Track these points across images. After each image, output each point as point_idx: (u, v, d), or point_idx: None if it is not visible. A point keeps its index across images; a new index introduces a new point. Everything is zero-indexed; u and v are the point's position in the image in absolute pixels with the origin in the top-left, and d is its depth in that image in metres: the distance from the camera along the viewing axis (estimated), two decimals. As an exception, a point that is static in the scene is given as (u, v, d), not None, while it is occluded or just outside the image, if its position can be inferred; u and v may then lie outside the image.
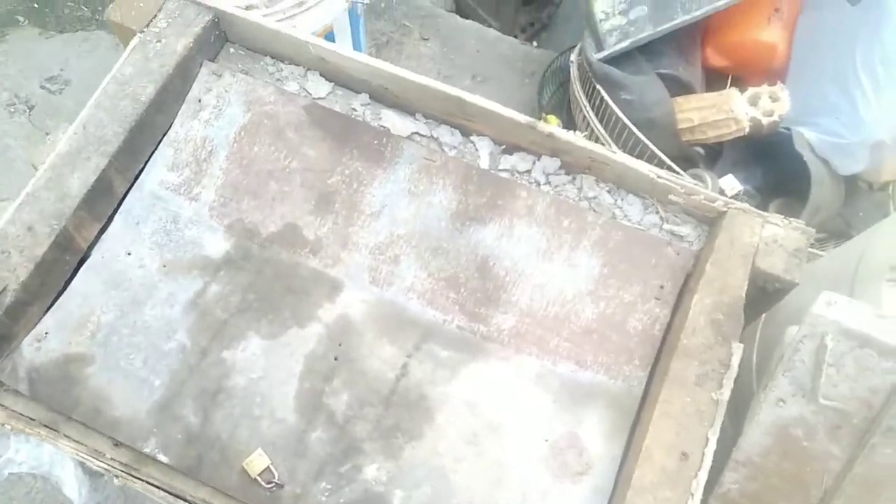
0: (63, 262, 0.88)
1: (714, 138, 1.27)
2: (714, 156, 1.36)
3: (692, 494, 0.75)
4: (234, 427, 0.84)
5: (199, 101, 0.99)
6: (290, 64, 1.02)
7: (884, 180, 1.45)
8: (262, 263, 0.92)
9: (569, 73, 1.52)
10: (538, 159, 0.98)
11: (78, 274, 0.90)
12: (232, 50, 1.03)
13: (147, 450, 0.82)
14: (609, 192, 0.96)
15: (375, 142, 0.97)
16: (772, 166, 1.33)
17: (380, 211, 0.94)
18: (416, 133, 0.99)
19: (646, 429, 0.79)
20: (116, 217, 0.93)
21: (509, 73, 1.92)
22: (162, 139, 0.97)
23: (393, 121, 0.99)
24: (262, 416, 0.85)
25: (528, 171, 0.97)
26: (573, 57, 1.43)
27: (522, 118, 0.93)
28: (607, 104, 1.26)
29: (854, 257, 0.98)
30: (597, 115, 1.29)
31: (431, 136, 0.99)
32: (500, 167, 0.98)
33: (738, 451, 0.73)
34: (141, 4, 0.98)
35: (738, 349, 0.82)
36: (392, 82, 0.96)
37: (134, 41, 0.95)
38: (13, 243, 0.84)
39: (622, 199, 0.96)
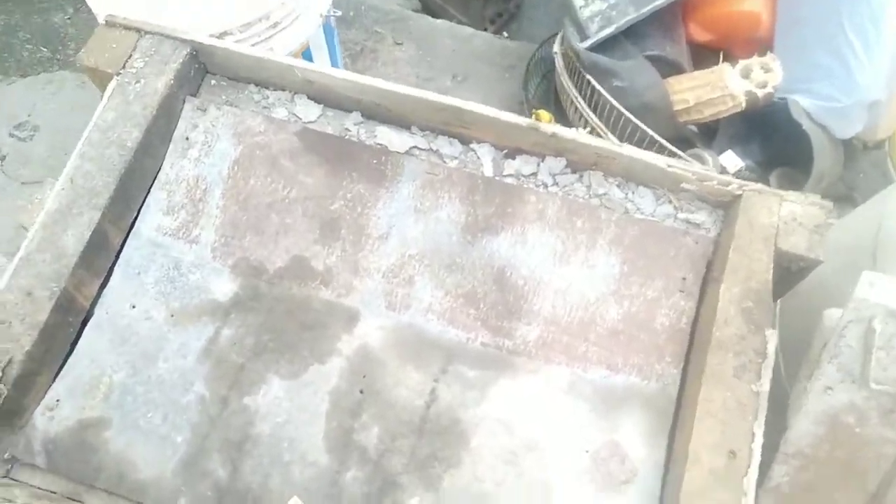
0: (67, 324, 0.84)
1: (711, 116, 1.25)
2: (709, 133, 1.34)
3: (745, 493, 0.73)
4: (265, 476, 0.80)
5: (187, 139, 0.95)
6: (275, 90, 0.98)
7: (879, 138, 1.44)
8: (272, 301, 0.89)
9: (551, 63, 1.49)
10: (542, 160, 0.95)
11: (83, 334, 0.86)
12: (213, 82, 0.99)
13: None
14: (619, 186, 0.94)
15: (374, 161, 0.94)
16: (768, 138, 1.32)
17: (388, 232, 0.91)
18: (415, 147, 0.96)
19: (689, 430, 0.77)
20: (116, 270, 0.89)
21: (488, 69, 1.89)
22: (153, 183, 0.93)
23: (389, 137, 0.96)
24: (292, 461, 0.81)
25: (534, 174, 0.95)
26: (556, 47, 1.40)
27: (523, 121, 0.90)
28: (598, 93, 1.23)
29: (871, 226, 0.96)
30: (588, 104, 1.27)
31: (431, 149, 0.96)
32: (505, 173, 0.95)
33: (787, 444, 0.71)
34: (114, 46, 0.93)
35: (772, 336, 0.80)
36: (384, 97, 0.93)
37: (112, 85, 0.91)
38: (13, 312, 0.80)
39: (633, 193, 0.94)
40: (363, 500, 0.80)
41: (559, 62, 1.37)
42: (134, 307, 0.88)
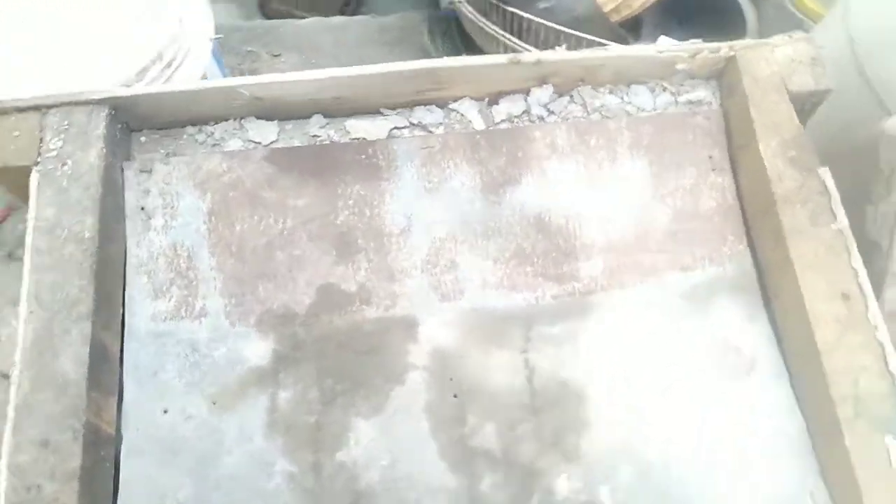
0: (101, 460, 0.70)
1: (640, 7, 1.23)
2: (633, 29, 1.33)
3: (876, 327, 0.72)
4: (400, 526, 0.71)
5: (143, 209, 0.81)
6: (216, 123, 0.86)
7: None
8: (318, 343, 0.78)
9: (449, 19, 1.43)
10: (527, 95, 0.89)
11: (122, 464, 0.72)
12: (143, 139, 0.85)
13: None
14: (611, 93, 0.90)
15: (362, 156, 0.84)
16: (689, 15, 1.32)
17: (408, 224, 0.82)
18: (395, 128, 0.87)
19: (793, 291, 0.75)
20: (126, 381, 0.75)
21: (378, 51, 1.80)
22: (125, 272, 0.79)
23: (364, 127, 0.86)
24: (418, 497, 0.72)
25: (526, 112, 0.89)
26: (457, -2, 1.34)
27: (502, 58, 0.84)
28: (528, 23, 1.18)
29: (837, 47, 0.98)
30: (518, 37, 1.22)
31: (411, 124, 0.87)
32: (497, 120, 0.88)
33: (894, 263, 0.70)
34: (16, 134, 0.78)
35: (826, 173, 0.79)
36: (347, 87, 0.84)
37: (34, 178, 0.76)
38: (36, 472, 0.65)
39: (627, 94, 0.90)
40: (512, 502, 0.72)
41: (467, 9, 1.30)
42: (166, 412, 0.75)
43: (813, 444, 0.73)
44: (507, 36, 1.21)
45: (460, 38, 1.46)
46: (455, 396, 0.76)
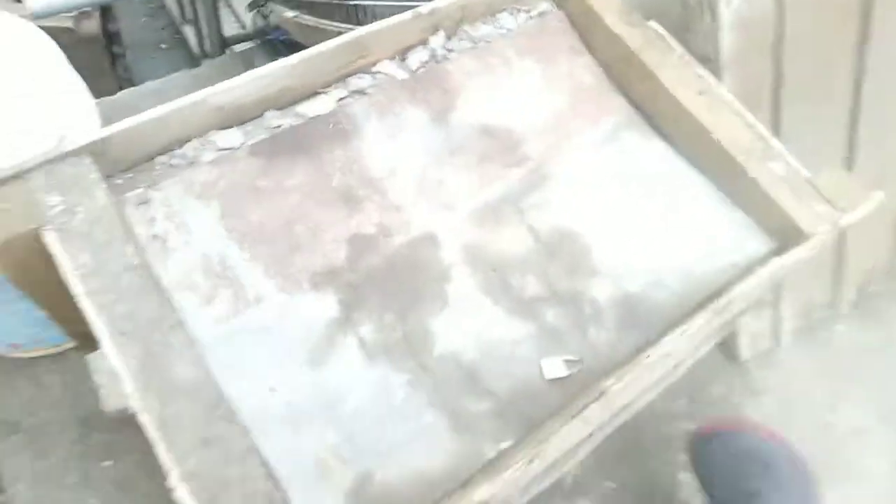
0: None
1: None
2: None
3: (731, 103, 1.01)
4: (512, 379, 0.84)
5: (155, 236, 0.84)
6: (181, 145, 0.91)
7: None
8: (369, 279, 0.88)
9: (274, 44, 1.55)
10: (427, 44, 1.07)
11: (260, 448, 0.76)
12: (118, 181, 0.87)
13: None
14: (485, 23, 1.11)
15: (329, 126, 0.95)
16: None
17: (392, 167, 0.96)
18: (340, 99, 0.99)
19: (673, 103, 1.02)
20: (221, 383, 0.78)
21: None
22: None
23: (314, 107, 0.97)
24: (512, 349, 0.86)
25: (433, 56, 1.06)
26: (288, 14, 1.46)
27: (407, 15, 1.01)
28: (371, 11, 1.36)
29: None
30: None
31: (351, 92, 1.00)
32: (414, 69, 1.05)
33: (721, 66, 1.01)
34: (6, 206, 0.77)
35: (655, 24, 1.08)
36: (295, 74, 0.94)
37: (51, 237, 0.76)
38: (210, 466, 0.67)
39: (496, 22, 1.12)
40: (575, 322, 0.89)
41: (305, 20, 1.43)
42: (273, 389, 0.80)
43: (725, 194, 1.01)
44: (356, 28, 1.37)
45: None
46: (494, 271, 0.92)
